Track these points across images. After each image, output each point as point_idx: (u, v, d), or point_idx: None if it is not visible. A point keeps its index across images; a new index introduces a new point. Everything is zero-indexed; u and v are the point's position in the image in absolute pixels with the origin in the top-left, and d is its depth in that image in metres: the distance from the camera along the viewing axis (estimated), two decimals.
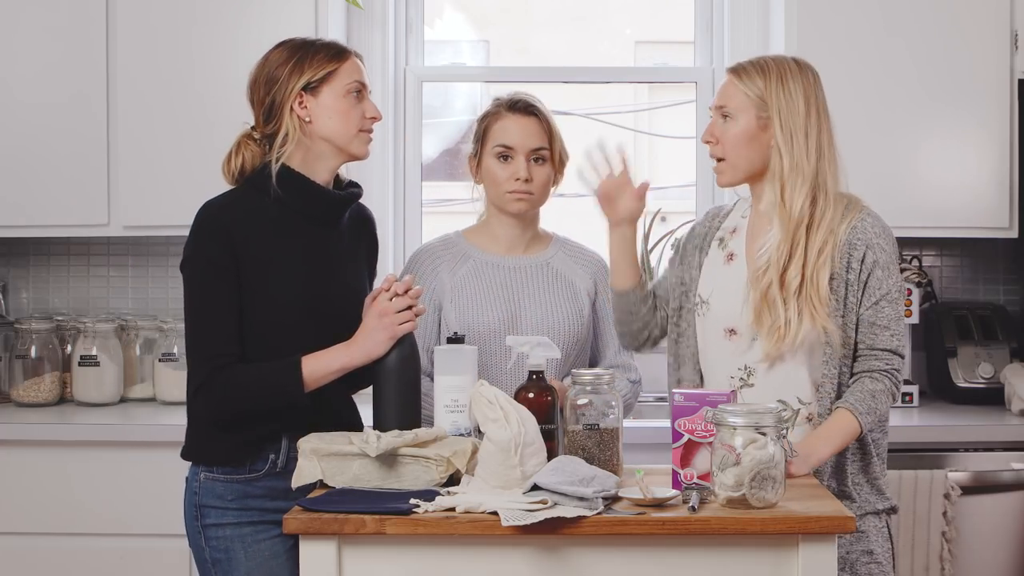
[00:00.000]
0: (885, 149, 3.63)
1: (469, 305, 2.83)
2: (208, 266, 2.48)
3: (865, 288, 2.58)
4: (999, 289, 4.03)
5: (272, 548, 2.52)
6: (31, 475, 3.40)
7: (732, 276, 2.64)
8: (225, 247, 2.48)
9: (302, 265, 2.54)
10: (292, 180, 2.54)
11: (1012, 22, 3.61)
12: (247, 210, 2.53)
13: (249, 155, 2.57)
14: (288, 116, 2.54)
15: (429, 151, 4.25)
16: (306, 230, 2.56)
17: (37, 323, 3.82)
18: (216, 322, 2.47)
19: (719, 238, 2.72)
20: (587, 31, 4.74)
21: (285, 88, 2.54)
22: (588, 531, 2.11)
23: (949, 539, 3.29)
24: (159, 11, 3.64)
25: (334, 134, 2.56)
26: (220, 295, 2.48)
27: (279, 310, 2.50)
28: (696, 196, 4.09)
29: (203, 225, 2.52)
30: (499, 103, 2.88)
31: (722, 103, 2.64)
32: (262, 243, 2.51)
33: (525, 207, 2.84)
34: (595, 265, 2.95)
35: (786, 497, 2.20)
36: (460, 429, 2.47)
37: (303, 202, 2.55)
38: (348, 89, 2.56)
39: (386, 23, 3.99)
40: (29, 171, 3.66)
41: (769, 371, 2.58)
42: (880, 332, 2.57)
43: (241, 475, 2.52)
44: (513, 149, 2.82)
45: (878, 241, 2.59)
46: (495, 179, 2.84)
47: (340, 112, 2.56)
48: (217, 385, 2.46)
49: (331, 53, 2.57)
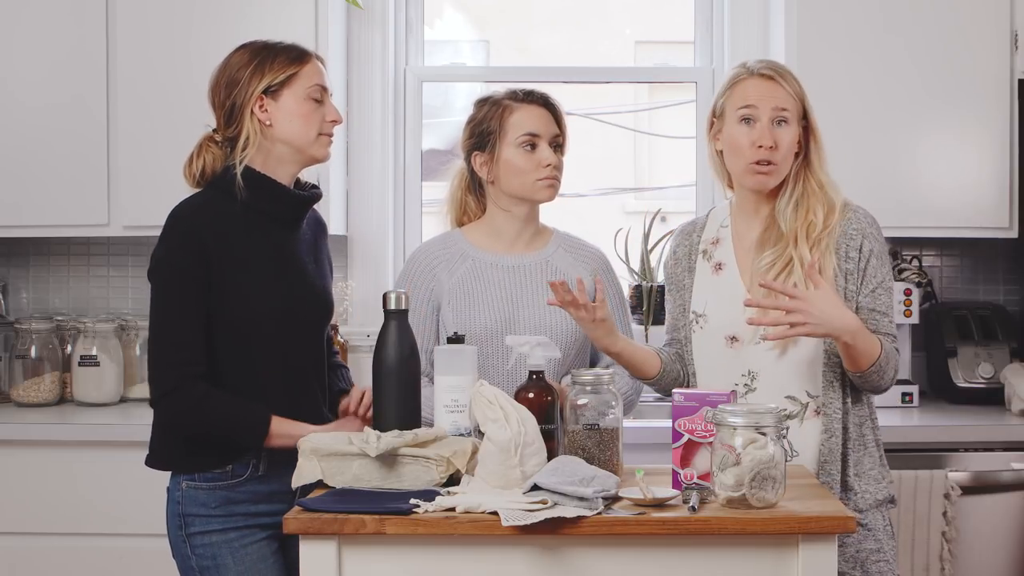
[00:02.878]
0: (885, 149, 3.63)
1: (466, 306, 2.83)
2: (180, 272, 2.48)
3: (864, 276, 2.61)
4: (999, 289, 4.03)
5: (259, 551, 2.53)
6: (31, 475, 3.40)
7: (724, 285, 2.67)
8: (198, 252, 2.48)
9: (274, 265, 2.55)
10: (257, 181, 2.55)
11: (1012, 22, 3.61)
12: (217, 213, 2.53)
13: (211, 158, 2.58)
14: (249, 119, 2.55)
15: (429, 151, 4.25)
16: (273, 231, 2.57)
17: (37, 323, 3.82)
18: (186, 329, 2.48)
19: (702, 251, 2.74)
20: (587, 31, 4.74)
21: (245, 91, 2.54)
22: (588, 531, 2.11)
23: (949, 539, 3.29)
24: (159, 12, 3.64)
25: (294, 137, 2.57)
26: (191, 302, 2.48)
27: (255, 309, 2.51)
28: (696, 196, 4.09)
29: (175, 229, 2.52)
30: (514, 95, 2.88)
31: (782, 106, 2.60)
32: (235, 245, 2.52)
33: (554, 192, 2.86)
34: (595, 260, 2.95)
35: (786, 497, 2.20)
36: (460, 429, 2.46)
37: (269, 203, 2.57)
38: (308, 93, 2.56)
39: (386, 23, 4.00)
40: (29, 171, 3.66)
41: (773, 370, 2.58)
42: (880, 318, 2.61)
43: (224, 481, 2.52)
44: (539, 136, 2.83)
45: (871, 231, 2.64)
46: (520, 169, 2.83)
47: (300, 116, 2.56)
48: (187, 397, 2.47)
49: (292, 56, 2.57)
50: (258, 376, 2.52)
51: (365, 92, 3.97)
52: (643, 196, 5.68)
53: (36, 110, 3.66)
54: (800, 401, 2.58)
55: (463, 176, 2.95)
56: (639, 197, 5.49)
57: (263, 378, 2.53)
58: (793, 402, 2.58)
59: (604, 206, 4.86)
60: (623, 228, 4.06)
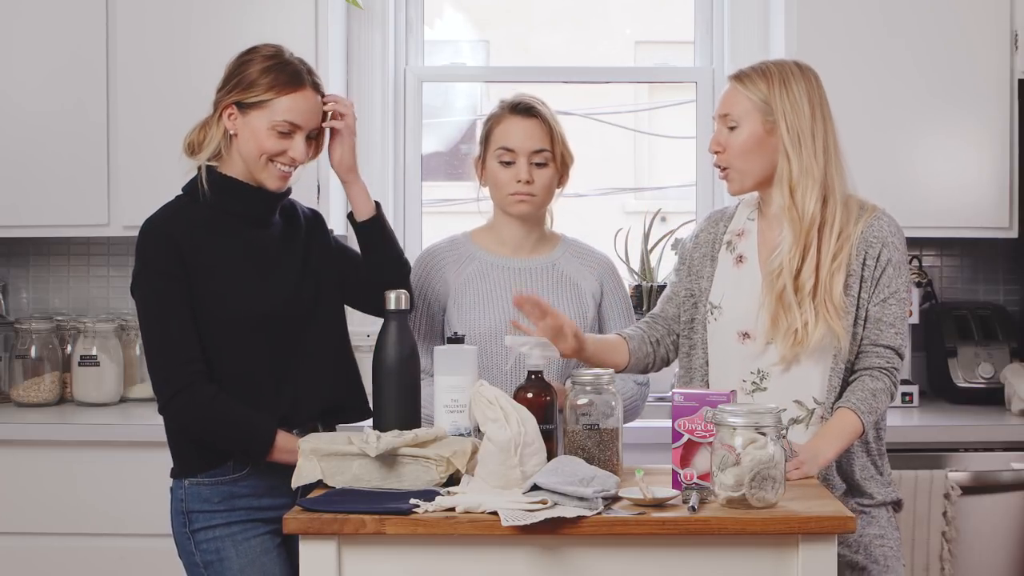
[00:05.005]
0: (885, 149, 3.63)
1: (471, 306, 2.83)
2: (163, 276, 2.50)
3: (876, 285, 2.58)
4: (999, 289, 4.03)
5: (262, 544, 2.54)
6: (31, 475, 3.40)
7: (743, 279, 2.64)
8: (174, 257, 2.50)
9: (247, 264, 2.56)
10: (221, 183, 2.57)
11: (1012, 22, 3.61)
12: (188, 219, 2.55)
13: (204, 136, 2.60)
14: (217, 121, 2.57)
15: (429, 151, 4.25)
16: (242, 230, 2.58)
17: (37, 323, 3.82)
18: (183, 328, 2.49)
19: (727, 242, 2.70)
20: (587, 31, 4.75)
21: (225, 95, 2.57)
22: (588, 531, 2.11)
23: (949, 539, 3.29)
24: (158, 11, 3.64)
25: (247, 160, 2.57)
26: (179, 303, 2.49)
27: (232, 310, 2.52)
28: (696, 196, 4.08)
29: (149, 238, 2.54)
30: (503, 105, 2.87)
31: (726, 111, 2.61)
32: (208, 248, 2.53)
33: (527, 209, 2.84)
34: (602, 266, 2.95)
35: (786, 497, 2.20)
36: (460, 429, 2.47)
37: (235, 203, 2.58)
38: (275, 126, 2.54)
39: (386, 23, 3.99)
40: (29, 172, 3.66)
41: (783, 374, 2.57)
42: (885, 329, 2.58)
43: (226, 476, 2.53)
44: (514, 152, 2.81)
45: (892, 240, 2.60)
46: (497, 182, 2.84)
47: (258, 144, 2.55)
48: (200, 394, 2.48)
49: (280, 81, 2.54)
50: (243, 374, 2.53)
51: (365, 92, 3.97)
52: (643, 196, 5.68)
53: (36, 110, 3.66)
54: (807, 407, 2.57)
55: None
56: (639, 197, 5.49)
57: (249, 376, 2.53)
58: (800, 407, 2.57)
59: (604, 206, 4.86)
60: (623, 228, 4.05)
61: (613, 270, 2.97)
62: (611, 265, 2.97)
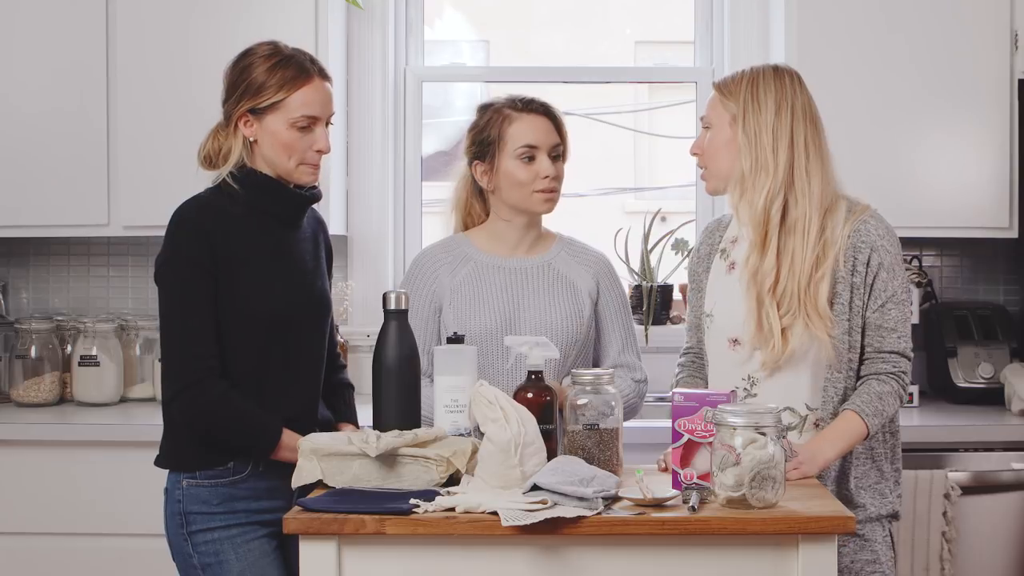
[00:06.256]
0: (885, 149, 3.63)
1: (467, 307, 2.83)
2: (191, 267, 2.48)
3: (871, 291, 2.57)
4: (999, 289, 4.03)
5: (261, 547, 2.54)
6: (31, 475, 3.40)
7: (733, 286, 2.64)
8: (206, 247, 2.48)
9: (275, 264, 2.55)
10: (257, 180, 2.55)
11: (1012, 22, 3.61)
12: (219, 211, 2.53)
13: (217, 145, 2.59)
14: (234, 132, 2.55)
15: (429, 151, 4.25)
16: (274, 229, 2.58)
17: (37, 323, 3.82)
18: (203, 323, 2.48)
19: (721, 249, 2.72)
20: (587, 31, 4.75)
21: (235, 106, 2.54)
22: (588, 531, 2.11)
23: (949, 539, 3.29)
24: (159, 14, 3.64)
25: (274, 163, 2.56)
26: (203, 297, 2.48)
27: (255, 308, 2.51)
28: (696, 196, 4.08)
29: (182, 227, 2.52)
30: (512, 105, 2.86)
31: (704, 115, 2.69)
32: (237, 243, 2.52)
33: (553, 205, 2.85)
34: (598, 265, 2.94)
35: (786, 497, 2.20)
36: (460, 429, 2.47)
37: (270, 202, 2.57)
38: (294, 122, 2.53)
39: (386, 23, 4.00)
40: (29, 172, 3.66)
41: (771, 379, 2.57)
42: (887, 335, 2.57)
43: (225, 478, 2.53)
44: (538, 148, 2.82)
45: (882, 243, 2.58)
46: (518, 181, 2.82)
47: (281, 144, 2.54)
48: (209, 390, 2.47)
49: (287, 78, 2.53)
50: (256, 373, 2.53)
51: (365, 92, 3.97)
52: (643, 196, 5.69)
53: (37, 110, 3.66)
54: (799, 413, 2.57)
55: (467, 179, 2.94)
56: (639, 197, 5.50)
57: (261, 375, 2.53)
58: (792, 414, 2.56)
59: (604, 206, 4.87)
60: (623, 228, 4.06)
61: (610, 268, 2.96)
62: (607, 263, 2.97)
